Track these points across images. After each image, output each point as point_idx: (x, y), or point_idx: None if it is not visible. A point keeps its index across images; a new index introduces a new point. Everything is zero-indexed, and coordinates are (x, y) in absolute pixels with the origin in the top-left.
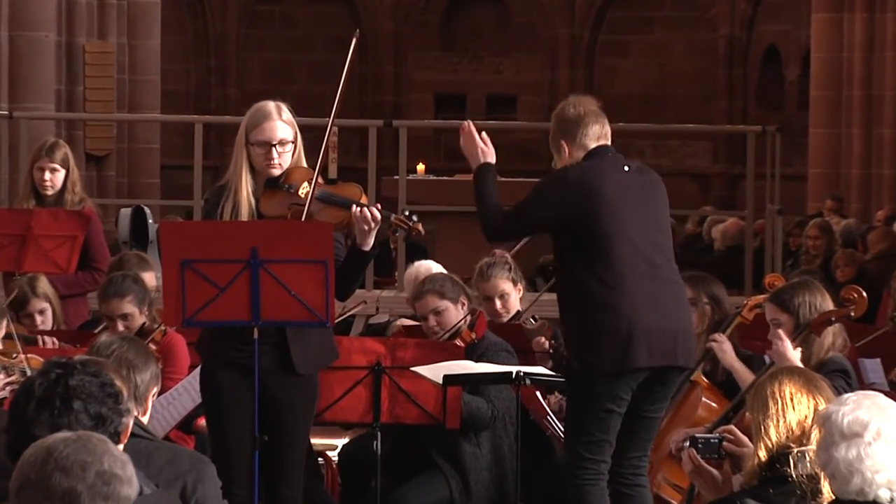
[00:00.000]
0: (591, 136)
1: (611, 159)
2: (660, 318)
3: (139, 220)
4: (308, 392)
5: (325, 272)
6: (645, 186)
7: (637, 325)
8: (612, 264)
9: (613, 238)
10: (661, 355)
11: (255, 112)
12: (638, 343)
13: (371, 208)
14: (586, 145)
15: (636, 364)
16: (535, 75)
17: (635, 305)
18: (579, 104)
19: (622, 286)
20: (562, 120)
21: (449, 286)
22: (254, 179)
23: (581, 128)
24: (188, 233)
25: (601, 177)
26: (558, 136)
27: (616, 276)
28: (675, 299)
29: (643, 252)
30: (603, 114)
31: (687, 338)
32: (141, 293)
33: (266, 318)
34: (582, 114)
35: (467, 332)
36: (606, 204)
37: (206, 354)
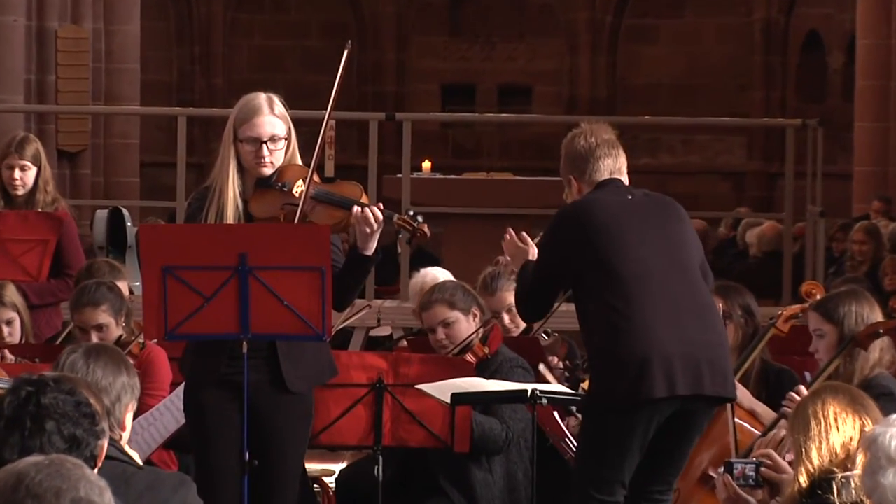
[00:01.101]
0: (603, 171)
1: (613, 189)
2: (682, 343)
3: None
4: (302, 412)
5: (322, 280)
6: (653, 207)
7: (654, 352)
8: (620, 288)
9: (617, 262)
10: (686, 385)
11: (245, 105)
12: (655, 372)
13: (373, 208)
14: (595, 181)
15: (653, 395)
16: (552, 63)
17: (650, 330)
18: (591, 134)
19: (633, 310)
20: (570, 153)
21: (460, 295)
22: (242, 179)
23: (591, 162)
24: (170, 237)
25: (593, 204)
26: (567, 169)
27: (625, 299)
28: (700, 322)
29: (657, 273)
30: (617, 144)
31: (718, 364)
32: (117, 302)
33: (256, 330)
34: (593, 146)
35: (479, 346)
36: (603, 230)
37: (190, 371)
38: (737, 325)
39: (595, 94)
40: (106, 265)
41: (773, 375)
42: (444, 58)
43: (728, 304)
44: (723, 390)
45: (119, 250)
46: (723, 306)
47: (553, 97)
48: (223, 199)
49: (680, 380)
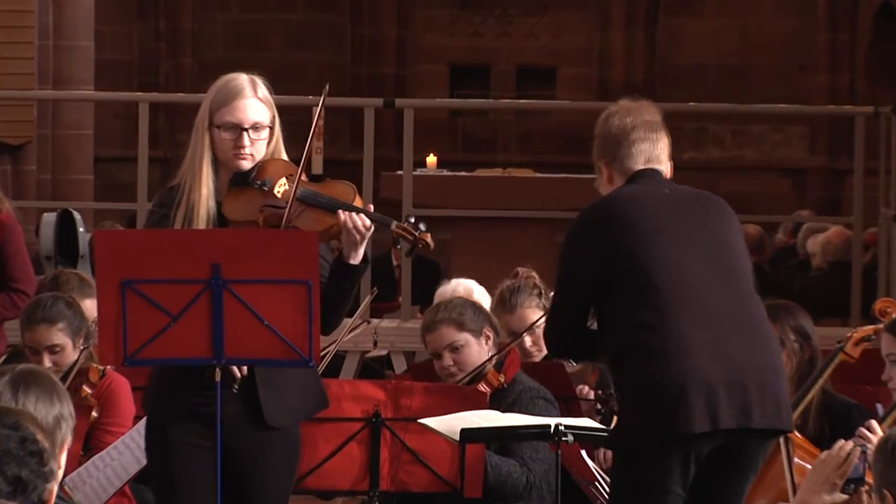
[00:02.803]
0: (637, 157)
1: (648, 181)
2: (725, 368)
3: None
4: (285, 450)
5: (308, 296)
6: (695, 203)
7: (691, 378)
8: (653, 299)
9: (649, 267)
10: (731, 416)
11: (224, 86)
12: (693, 401)
13: (361, 214)
14: (629, 169)
15: (692, 428)
16: (579, 40)
17: (688, 350)
18: (628, 113)
19: (668, 326)
20: (603, 133)
21: (469, 314)
22: (216, 175)
23: (624, 146)
24: (130, 245)
25: (623, 200)
26: (597, 152)
27: (659, 313)
28: (749, 344)
29: (697, 282)
30: (661, 128)
31: (770, 390)
32: (76, 321)
33: (231, 354)
34: (628, 127)
35: (493, 373)
36: (634, 229)
37: (153, 403)
38: (790, 351)
39: (630, 76)
40: (76, 278)
41: (839, 409)
42: (453, 34)
43: (777, 326)
44: (775, 421)
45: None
46: (773, 329)
47: (581, 80)
48: (194, 198)
49: (723, 411)
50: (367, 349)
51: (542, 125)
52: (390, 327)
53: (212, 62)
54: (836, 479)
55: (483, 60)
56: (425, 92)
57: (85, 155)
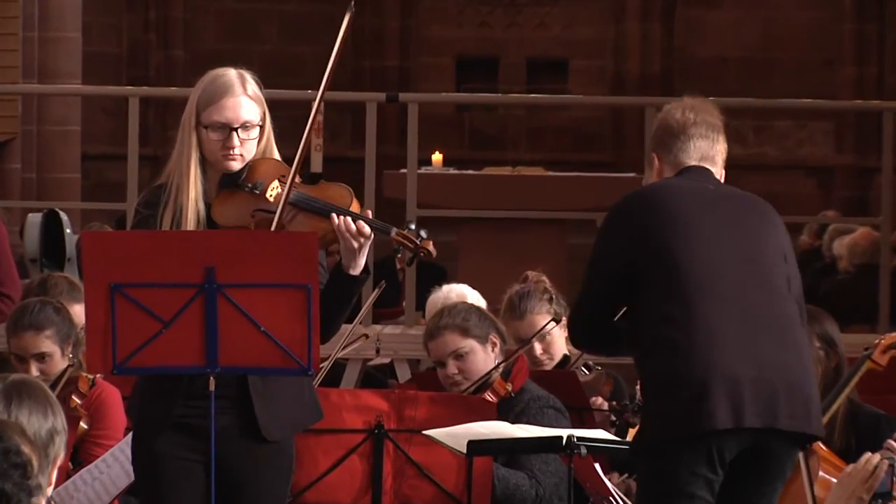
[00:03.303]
0: (692, 153)
1: (697, 177)
2: (752, 365)
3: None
4: (280, 464)
5: (307, 300)
6: (736, 201)
7: (716, 373)
8: (681, 293)
9: (679, 259)
10: (756, 415)
11: (211, 83)
12: (716, 396)
13: (358, 220)
14: (681, 163)
15: (715, 424)
16: (593, 31)
17: (714, 347)
18: (691, 109)
19: (695, 321)
20: (661, 126)
21: (474, 320)
22: (205, 176)
23: (681, 140)
24: (119, 247)
25: (662, 189)
26: (652, 144)
27: (686, 307)
28: (779, 343)
29: (728, 277)
30: (721, 129)
31: (799, 392)
32: (64, 327)
33: (226, 362)
34: (689, 122)
35: (500, 382)
36: (667, 219)
37: (139, 415)
38: (815, 359)
39: (646, 69)
40: (64, 282)
41: (866, 420)
42: (460, 24)
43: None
44: (804, 424)
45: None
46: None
47: (594, 73)
48: (181, 200)
49: (748, 408)
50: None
51: (553, 121)
52: (393, 334)
53: (204, 54)
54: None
55: (491, 52)
56: (430, 86)
57: (72, 152)
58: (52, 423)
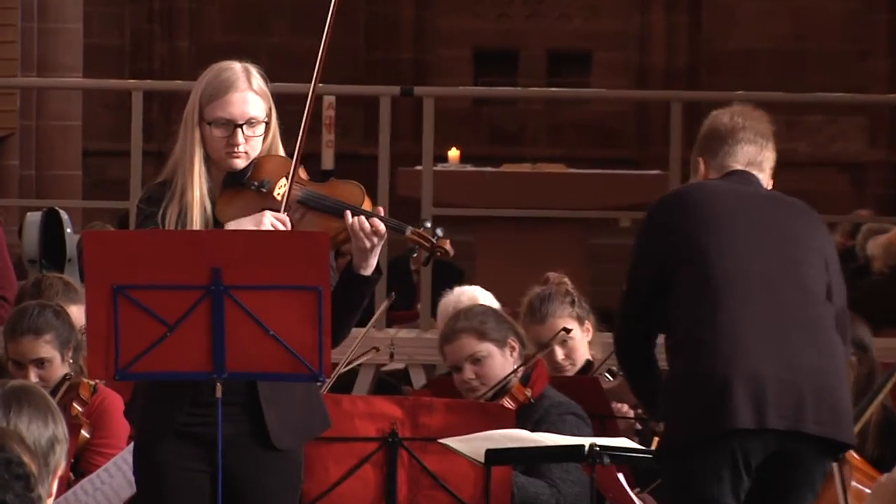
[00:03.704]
0: (739, 157)
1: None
2: (779, 366)
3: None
4: (289, 473)
5: (318, 304)
6: (775, 202)
7: (738, 371)
8: (709, 290)
9: (710, 256)
10: (780, 416)
11: (215, 77)
12: (738, 394)
13: (372, 218)
14: (727, 167)
15: (736, 423)
16: (617, 23)
17: (738, 345)
18: (740, 114)
19: (722, 319)
20: (708, 130)
21: (492, 323)
22: (209, 173)
23: (729, 144)
24: (122, 247)
25: (699, 187)
26: (698, 148)
27: (713, 306)
28: (810, 346)
29: (760, 275)
30: (771, 137)
31: (828, 396)
32: (65, 331)
33: (234, 368)
34: (737, 127)
35: (519, 388)
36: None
37: (141, 422)
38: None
39: (672, 62)
40: (59, 282)
41: None
42: (478, 15)
43: None
44: (833, 430)
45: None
46: None
47: (618, 66)
48: (186, 198)
49: (772, 409)
50: (382, 362)
51: (575, 116)
52: (408, 338)
53: (210, 46)
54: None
55: (511, 44)
56: (447, 79)
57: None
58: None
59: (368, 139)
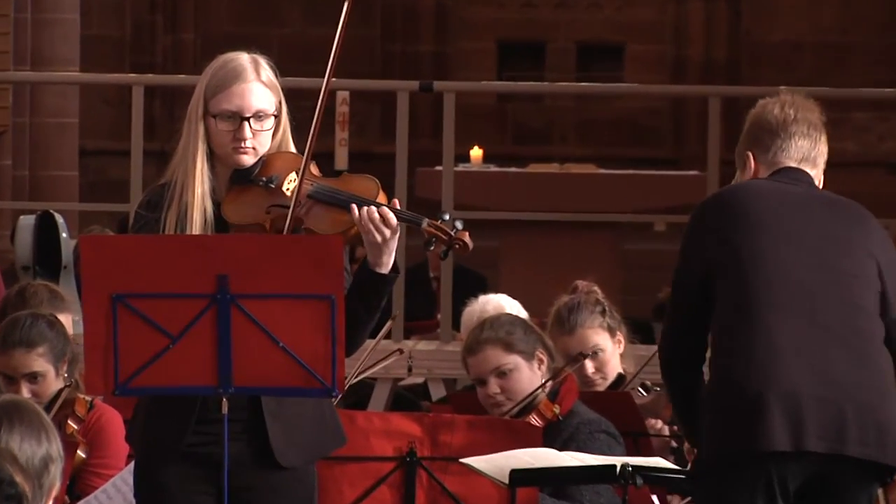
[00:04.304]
0: (793, 153)
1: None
2: (818, 382)
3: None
4: (299, 495)
5: (331, 313)
6: (824, 203)
7: (773, 387)
8: (746, 298)
9: (750, 261)
10: (819, 437)
11: (221, 68)
12: (773, 413)
13: (383, 207)
14: (779, 164)
15: (772, 445)
16: (651, 12)
17: (774, 359)
18: (791, 105)
19: (756, 333)
20: (757, 123)
21: (519, 333)
22: (213, 171)
23: (781, 139)
24: (122, 253)
25: (743, 188)
26: (745, 142)
27: (749, 319)
28: (853, 361)
29: (804, 292)
30: (823, 129)
31: (871, 416)
32: (58, 344)
33: (241, 383)
34: (789, 119)
35: (547, 404)
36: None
37: (142, 441)
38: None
39: (711, 54)
40: (45, 290)
41: None
42: (502, 4)
43: None
44: (878, 453)
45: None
46: None
47: (653, 59)
48: (186, 198)
49: (810, 429)
50: (400, 376)
51: (606, 112)
52: (427, 350)
53: (217, 38)
54: None
55: (537, 36)
56: (469, 73)
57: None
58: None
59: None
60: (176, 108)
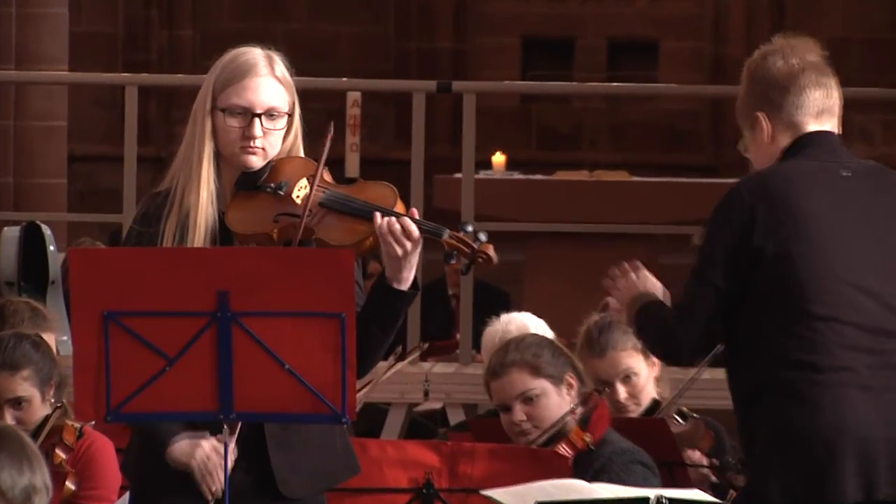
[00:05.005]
0: (809, 107)
1: (824, 156)
2: (886, 422)
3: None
4: None
5: (342, 332)
6: (882, 189)
7: (845, 431)
8: (809, 330)
9: (805, 273)
10: (891, 483)
11: (232, 61)
12: (846, 463)
13: (404, 218)
14: (798, 123)
15: (843, 496)
16: (688, 6)
17: (845, 399)
18: (792, 53)
19: (822, 357)
20: (761, 78)
21: (547, 356)
22: (219, 174)
23: (793, 93)
24: (114, 267)
25: (791, 181)
26: (752, 102)
27: (813, 348)
28: None
29: (871, 310)
30: (830, 72)
31: None
32: (45, 367)
33: (243, 408)
34: (796, 70)
35: (577, 432)
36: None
37: (136, 471)
38: None
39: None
40: (25, 308)
41: None
42: None
43: None
44: None
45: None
46: None
47: (689, 57)
48: (189, 202)
49: (883, 476)
50: (416, 401)
51: (639, 115)
52: (445, 373)
53: (217, 34)
54: None
55: (565, 31)
56: (491, 72)
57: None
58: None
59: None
60: (173, 111)
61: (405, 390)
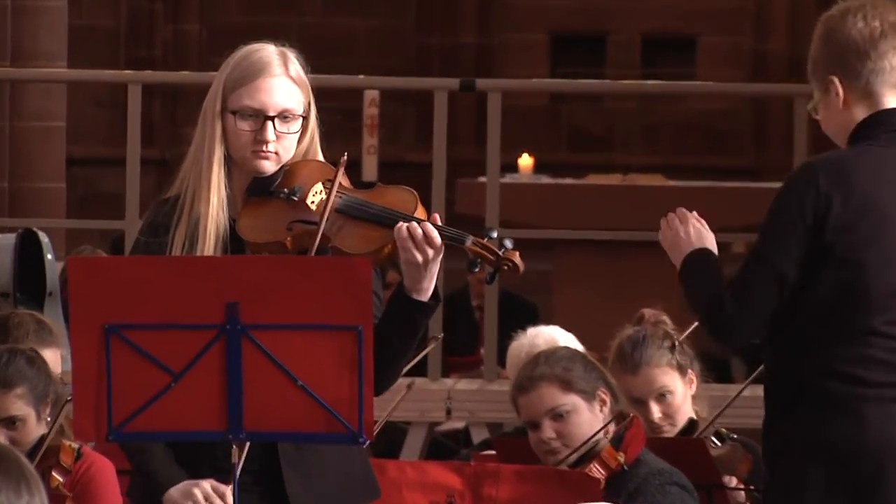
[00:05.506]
0: (888, 75)
1: None
2: None
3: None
4: None
5: (358, 346)
6: None
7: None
8: (864, 345)
9: (879, 305)
10: None
11: (244, 59)
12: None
13: (425, 224)
14: (875, 94)
15: None
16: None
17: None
18: (873, 14)
19: (874, 381)
20: (836, 39)
21: (580, 371)
22: (229, 179)
23: (872, 58)
24: (116, 277)
25: (873, 166)
26: (826, 63)
27: (866, 363)
28: None
29: None
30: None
31: None
32: (40, 383)
33: (253, 427)
34: (876, 32)
35: (610, 451)
36: (870, 223)
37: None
38: None
39: (796, 48)
40: (31, 320)
41: None
42: None
43: None
44: None
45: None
46: None
47: (728, 53)
48: (199, 209)
49: None
50: (437, 420)
51: (675, 115)
52: (469, 390)
53: (226, 29)
54: None
55: (596, 27)
56: (517, 69)
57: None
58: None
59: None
60: (178, 110)
61: (426, 408)
